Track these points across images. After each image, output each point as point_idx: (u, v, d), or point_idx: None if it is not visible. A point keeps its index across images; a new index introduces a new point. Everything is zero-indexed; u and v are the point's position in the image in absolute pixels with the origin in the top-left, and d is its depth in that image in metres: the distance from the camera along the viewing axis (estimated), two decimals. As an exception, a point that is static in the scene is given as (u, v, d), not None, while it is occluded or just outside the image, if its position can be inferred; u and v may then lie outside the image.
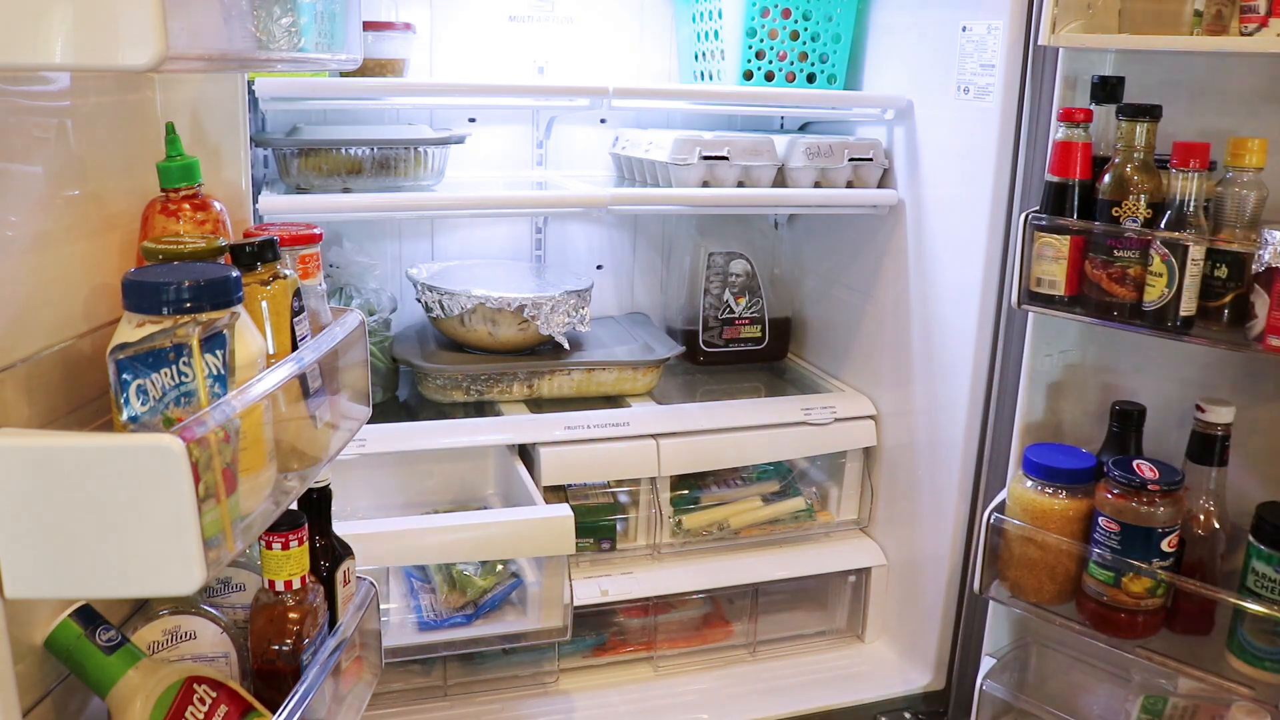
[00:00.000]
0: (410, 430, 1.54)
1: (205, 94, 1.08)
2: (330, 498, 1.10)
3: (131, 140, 0.98)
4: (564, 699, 1.64)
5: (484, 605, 1.55)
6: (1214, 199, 1.37)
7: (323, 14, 0.96)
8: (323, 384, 0.93)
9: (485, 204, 1.60)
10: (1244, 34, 1.35)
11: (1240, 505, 1.45)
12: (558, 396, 1.64)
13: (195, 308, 0.74)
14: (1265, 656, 1.38)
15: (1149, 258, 1.39)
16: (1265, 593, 1.37)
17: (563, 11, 1.82)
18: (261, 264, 0.88)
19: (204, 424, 0.70)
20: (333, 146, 1.46)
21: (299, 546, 0.96)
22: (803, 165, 1.66)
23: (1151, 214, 1.39)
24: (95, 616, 0.85)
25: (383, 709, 1.55)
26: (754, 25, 1.63)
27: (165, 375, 0.73)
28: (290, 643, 0.95)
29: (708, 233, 1.85)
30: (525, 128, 1.86)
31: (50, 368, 0.83)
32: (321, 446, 0.94)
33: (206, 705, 0.86)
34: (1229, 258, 1.36)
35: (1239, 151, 1.33)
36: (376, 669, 1.18)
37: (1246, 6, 1.34)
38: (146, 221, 0.92)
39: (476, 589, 1.56)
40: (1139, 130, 1.39)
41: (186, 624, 0.94)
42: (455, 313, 1.58)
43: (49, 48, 0.63)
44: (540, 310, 1.57)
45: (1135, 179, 1.40)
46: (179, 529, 0.68)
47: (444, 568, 1.59)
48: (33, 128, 0.84)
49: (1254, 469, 1.50)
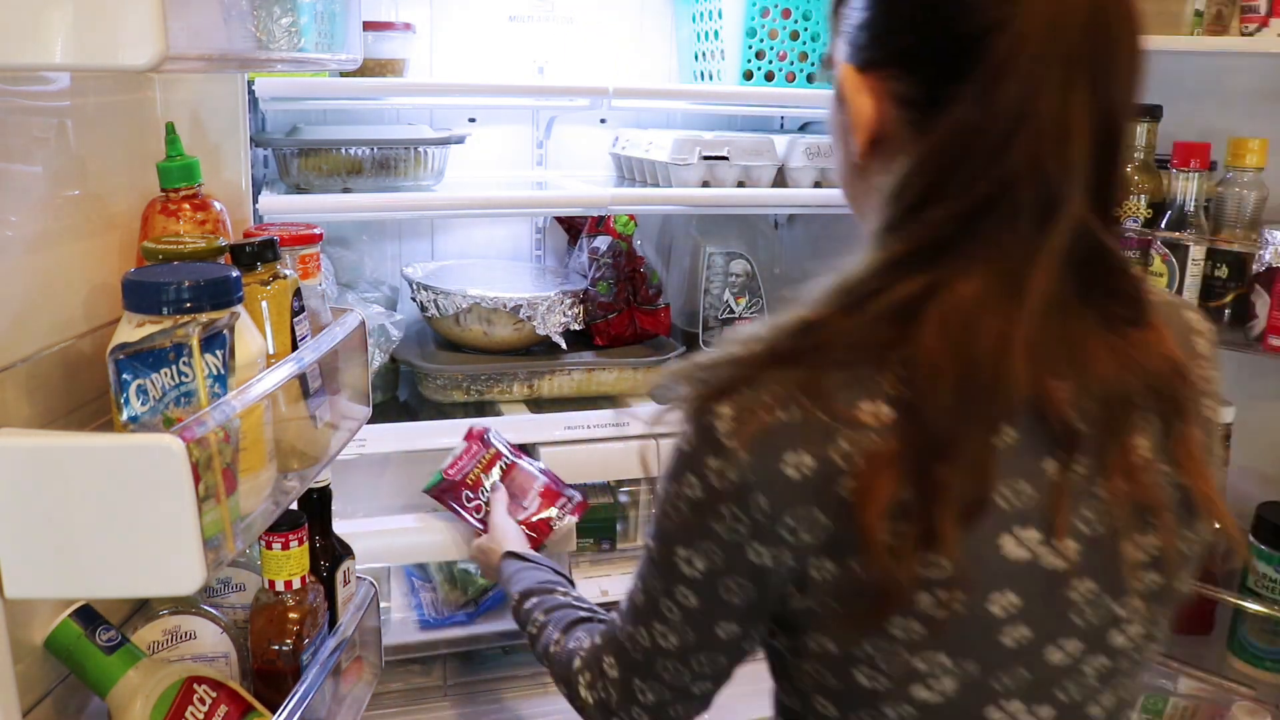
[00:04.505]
0: (410, 430, 1.54)
1: (205, 94, 1.08)
2: (330, 498, 1.10)
3: (131, 140, 0.98)
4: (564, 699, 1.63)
5: (485, 604, 1.56)
6: (1214, 199, 1.37)
7: (323, 14, 0.96)
8: (323, 384, 0.93)
9: (485, 204, 1.60)
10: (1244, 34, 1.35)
11: (1240, 505, 1.45)
12: (558, 396, 1.64)
13: (195, 308, 0.74)
14: (1265, 656, 1.38)
15: (1150, 258, 1.39)
16: (1265, 593, 1.37)
17: (563, 11, 1.82)
18: (261, 264, 0.88)
19: (204, 424, 0.70)
20: (333, 146, 1.46)
21: (299, 546, 0.96)
22: (803, 165, 1.66)
23: (1152, 214, 1.39)
24: (95, 616, 0.85)
25: (383, 709, 1.54)
26: (754, 25, 1.63)
27: (165, 375, 0.73)
28: (290, 643, 0.95)
29: (708, 233, 1.85)
30: (525, 128, 1.86)
31: (50, 368, 0.83)
32: (321, 446, 0.94)
33: (206, 705, 0.86)
34: (1229, 258, 1.36)
35: (1239, 151, 1.33)
36: (376, 669, 1.18)
37: (1247, 6, 1.34)
38: (146, 221, 0.92)
39: (477, 587, 1.57)
40: (1139, 130, 1.39)
41: (186, 624, 0.94)
42: (450, 312, 1.58)
43: (49, 48, 0.63)
44: (536, 310, 1.57)
45: (1136, 179, 1.40)
46: (179, 529, 0.68)
47: (444, 566, 1.59)
48: (33, 128, 0.84)
49: (1254, 469, 1.50)
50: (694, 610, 0.69)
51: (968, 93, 0.59)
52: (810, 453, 0.61)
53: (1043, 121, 0.58)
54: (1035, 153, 0.58)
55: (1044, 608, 0.64)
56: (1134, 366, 0.64)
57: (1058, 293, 0.61)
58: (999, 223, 0.60)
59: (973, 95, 0.59)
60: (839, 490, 0.61)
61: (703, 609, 0.69)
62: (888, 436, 0.60)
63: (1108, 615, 0.66)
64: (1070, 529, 0.63)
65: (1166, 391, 0.65)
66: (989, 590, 0.62)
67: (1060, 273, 0.61)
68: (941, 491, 0.59)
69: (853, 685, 0.66)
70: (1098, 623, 0.66)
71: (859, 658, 0.64)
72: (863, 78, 0.66)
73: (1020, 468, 0.62)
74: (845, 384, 0.61)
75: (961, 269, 0.61)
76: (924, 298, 0.61)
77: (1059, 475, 0.62)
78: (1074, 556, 0.64)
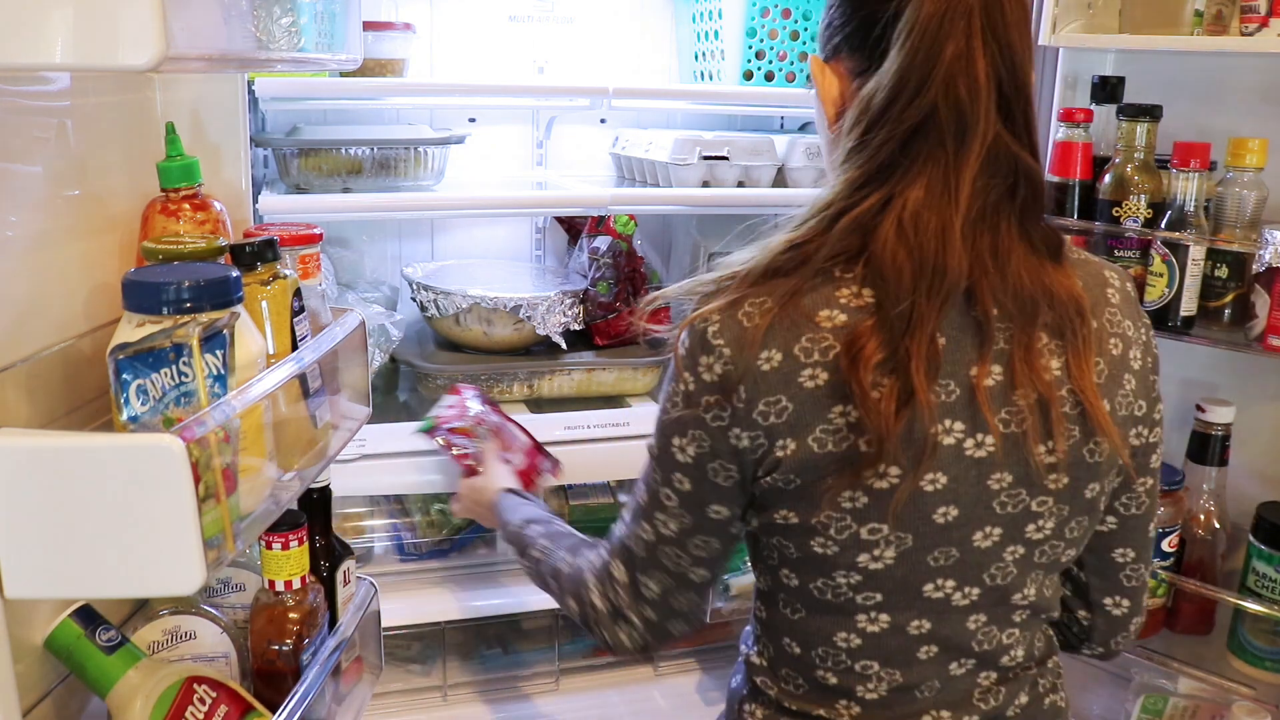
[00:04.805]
0: (410, 430, 1.54)
1: (205, 94, 1.08)
2: (330, 498, 1.10)
3: (131, 140, 0.98)
4: (564, 699, 1.63)
5: (460, 541, 1.65)
6: (1214, 199, 1.37)
7: (323, 14, 0.96)
8: (323, 384, 0.93)
9: (485, 204, 1.60)
10: (1244, 34, 1.35)
11: (1240, 505, 1.45)
12: (558, 396, 1.64)
13: (195, 308, 0.74)
14: (1265, 656, 1.38)
15: (1149, 258, 1.39)
16: (1265, 593, 1.37)
17: (563, 11, 1.82)
18: (261, 264, 0.88)
19: (204, 424, 0.70)
20: (333, 146, 1.46)
21: (299, 546, 0.96)
22: (803, 165, 1.66)
23: (1152, 214, 1.39)
24: (95, 616, 0.85)
25: (383, 709, 1.55)
26: (754, 25, 1.63)
27: (165, 375, 0.73)
28: (290, 643, 0.95)
29: (708, 233, 1.85)
30: (525, 128, 1.86)
31: (50, 368, 0.83)
32: (321, 446, 0.94)
33: (206, 705, 0.86)
34: (1229, 258, 1.36)
35: (1239, 151, 1.33)
36: (376, 669, 1.18)
37: (1247, 6, 1.34)
38: (146, 221, 0.92)
39: (453, 527, 1.63)
40: (1139, 130, 1.39)
41: (186, 624, 0.94)
42: (450, 312, 1.58)
43: (49, 48, 0.63)
44: (536, 310, 1.57)
45: (1136, 179, 1.40)
46: (179, 529, 0.68)
47: (424, 508, 1.64)
48: (33, 128, 0.84)
49: (1254, 469, 1.50)
50: (689, 494, 0.81)
51: (892, 51, 0.76)
52: (779, 349, 0.75)
53: (950, 60, 0.74)
54: (947, 84, 0.74)
55: (969, 492, 0.77)
56: (1043, 287, 0.78)
57: (988, 202, 0.76)
58: (929, 143, 0.75)
59: (896, 51, 0.75)
60: (800, 379, 0.75)
61: (695, 492, 0.81)
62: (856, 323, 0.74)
63: (1024, 507, 0.79)
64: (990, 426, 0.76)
65: (1066, 318, 0.78)
66: (924, 470, 0.75)
67: (986, 182, 0.76)
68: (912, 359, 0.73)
69: (809, 554, 0.79)
70: (1015, 512, 0.79)
71: (815, 528, 0.77)
72: (827, 65, 0.86)
73: (949, 371, 0.76)
74: (813, 291, 0.76)
75: (908, 182, 0.76)
76: (881, 209, 0.76)
77: (980, 379, 0.76)
78: (994, 451, 0.77)
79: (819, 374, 0.74)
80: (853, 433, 0.74)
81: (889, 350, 0.73)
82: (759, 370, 0.75)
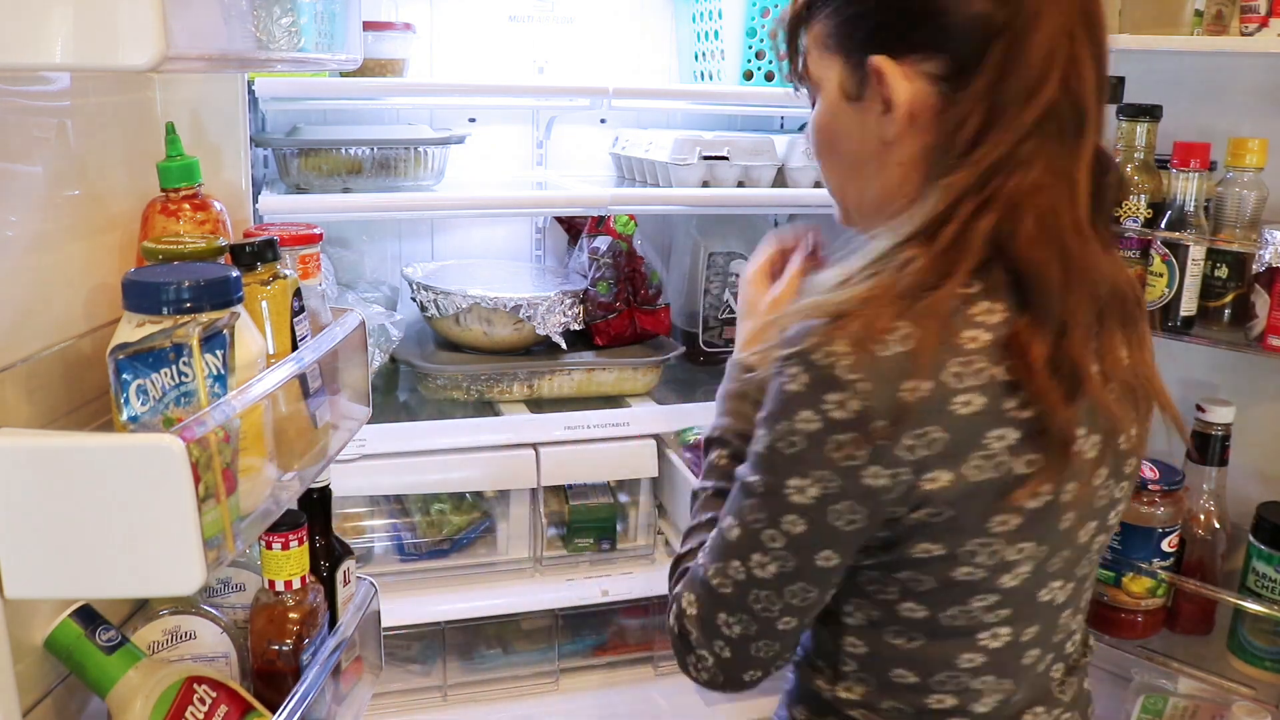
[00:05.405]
0: (410, 430, 1.54)
1: (205, 94, 1.08)
2: (330, 498, 1.10)
3: (131, 140, 0.98)
4: (564, 699, 1.64)
5: (459, 540, 1.64)
6: (1214, 199, 1.37)
7: (323, 14, 0.96)
8: (323, 384, 0.93)
9: (485, 204, 1.60)
10: (1244, 34, 1.35)
11: (1240, 505, 1.45)
12: (558, 396, 1.64)
13: (195, 308, 0.74)
14: (1265, 656, 1.38)
15: (1149, 258, 1.39)
16: (1265, 593, 1.37)
17: (563, 11, 1.82)
18: (261, 264, 0.88)
19: (204, 424, 0.70)
20: (333, 146, 1.46)
21: (299, 546, 0.95)
22: (803, 165, 1.66)
23: (1152, 214, 1.39)
24: (95, 616, 0.84)
25: (383, 709, 1.55)
26: (754, 25, 1.63)
27: (165, 375, 0.73)
28: (290, 643, 0.95)
29: (708, 233, 1.85)
30: (525, 128, 1.86)
31: (50, 368, 0.83)
32: (321, 446, 0.94)
33: (206, 705, 0.86)
34: (1229, 258, 1.36)
35: (1239, 151, 1.33)
36: (376, 669, 1.18)
37: (1246, 6, 1.34)
38: (146, 221, 0.92)
39: (453, 526, 1.63)
40: (1139, 130, 1.39)
41: (186, 624, 0.94)
42: (450, 312, 1.58)
43: (49, 48, 0.63)
44: (536, 310, 1.57)
45: (1135, 179, 1.40)
46: (179, 529, 0.68)
47: (424, 508, 1.64)
48: (33, 128, 0.84)
49: (1254, 469, 1.50)
50: (800, 536, 0.74)
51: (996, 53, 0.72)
52: (927, 377, 0.69)
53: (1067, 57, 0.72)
54: (1066, 80, 0.72)
55: (1084, 494, 0.77)
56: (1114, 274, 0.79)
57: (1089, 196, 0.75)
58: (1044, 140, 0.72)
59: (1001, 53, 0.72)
60: (952, 407, 0.70)
61: (810, 535, 0.74)
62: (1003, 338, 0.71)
63: (1109, 498, 0.81)
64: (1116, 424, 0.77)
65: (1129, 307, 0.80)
66: (1064, 480, 0.74)
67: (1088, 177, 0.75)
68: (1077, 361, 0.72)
69: (949, 583, 0.75)
70: (1105, 504, 0.80)
71: (959, 557, 0.74)
72: (898, 65, 0.76)
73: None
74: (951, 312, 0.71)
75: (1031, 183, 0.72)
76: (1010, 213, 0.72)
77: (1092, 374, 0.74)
78: (1099, 448, 0.77)
79: (974, 399, 0.70)
80: (1011, 455, 0.71)
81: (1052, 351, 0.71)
82: (903, 402, 0.69)
